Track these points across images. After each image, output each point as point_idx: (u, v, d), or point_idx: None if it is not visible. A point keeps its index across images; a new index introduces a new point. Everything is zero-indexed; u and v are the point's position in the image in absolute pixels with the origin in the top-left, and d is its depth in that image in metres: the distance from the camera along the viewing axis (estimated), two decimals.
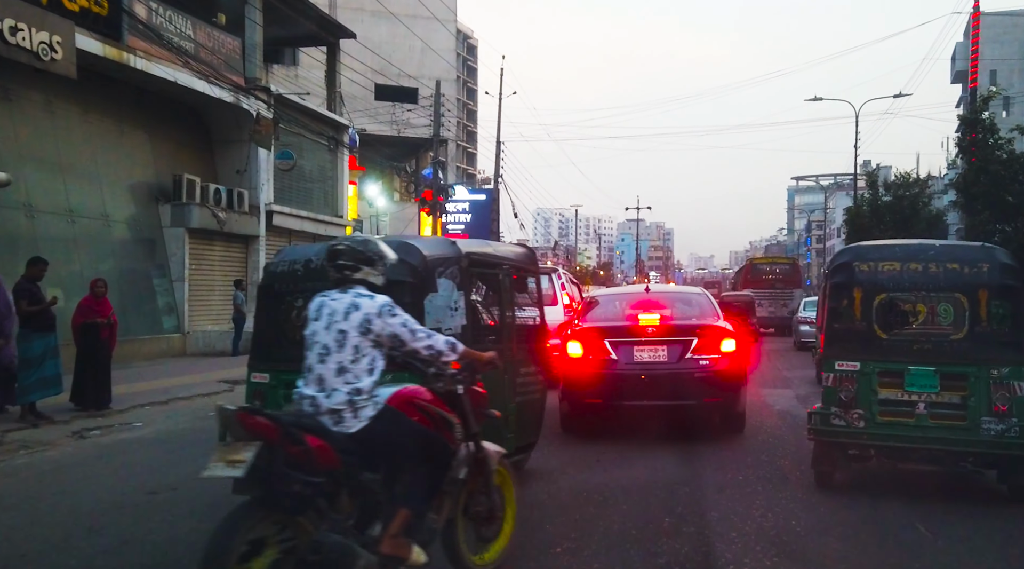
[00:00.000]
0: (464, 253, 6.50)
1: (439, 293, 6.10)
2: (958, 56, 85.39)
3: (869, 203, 31.98)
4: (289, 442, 3.96)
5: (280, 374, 6.04)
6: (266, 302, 6.51)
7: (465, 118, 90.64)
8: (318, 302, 4.50)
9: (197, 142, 23.33)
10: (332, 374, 4.29)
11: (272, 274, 6.47)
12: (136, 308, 20.06)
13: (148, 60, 19.13)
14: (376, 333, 4.34)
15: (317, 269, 6.01)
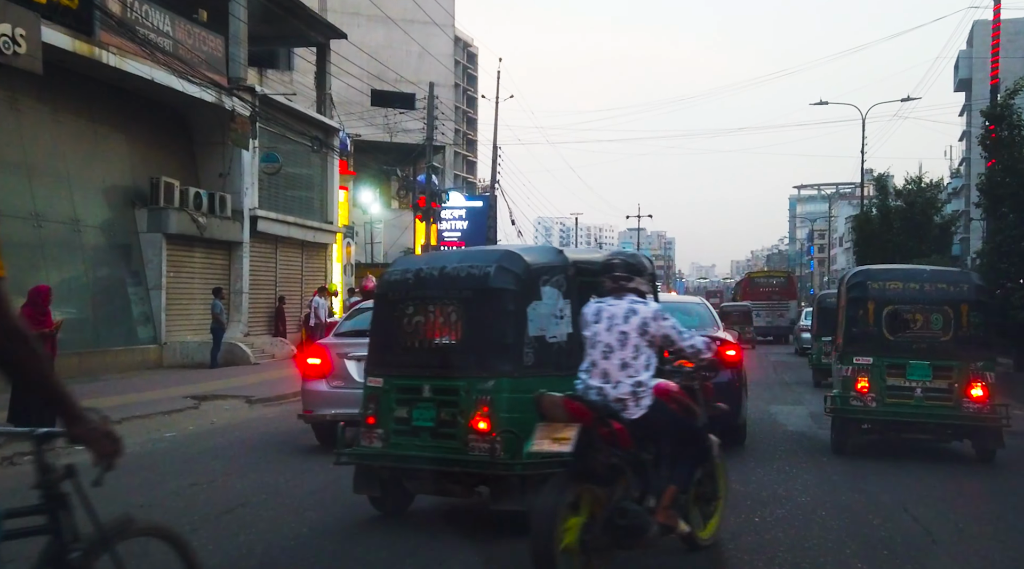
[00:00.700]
0: (571, 261, 6.53)
1: (543, 301, 6.20)
2: (961, 64, 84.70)
3: (878, 208, 30.91)
4: (600, 424, 4.90)
5: (392, 379, 6.33)
6: (380, 310, 6.77)
7: (465, 126, 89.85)
8: (595, 307, 5.36)
9: (178, 144, 22.35)
10: (616, 368, 5.15)
11: (386, 283, 6.72)
12: (109, 318, 19.05)
13: (122, 56, 18.16)
14: (651, 334, 5.19)
15: (427, 278, 6.36)
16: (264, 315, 24.51)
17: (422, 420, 6.13)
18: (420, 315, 6.32)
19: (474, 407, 5.93)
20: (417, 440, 6.14)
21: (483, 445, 5.84)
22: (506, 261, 6.19)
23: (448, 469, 6.03)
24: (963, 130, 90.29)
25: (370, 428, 6.35)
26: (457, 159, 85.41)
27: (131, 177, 20.26)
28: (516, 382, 5.92)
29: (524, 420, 5.62)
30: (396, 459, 6.21)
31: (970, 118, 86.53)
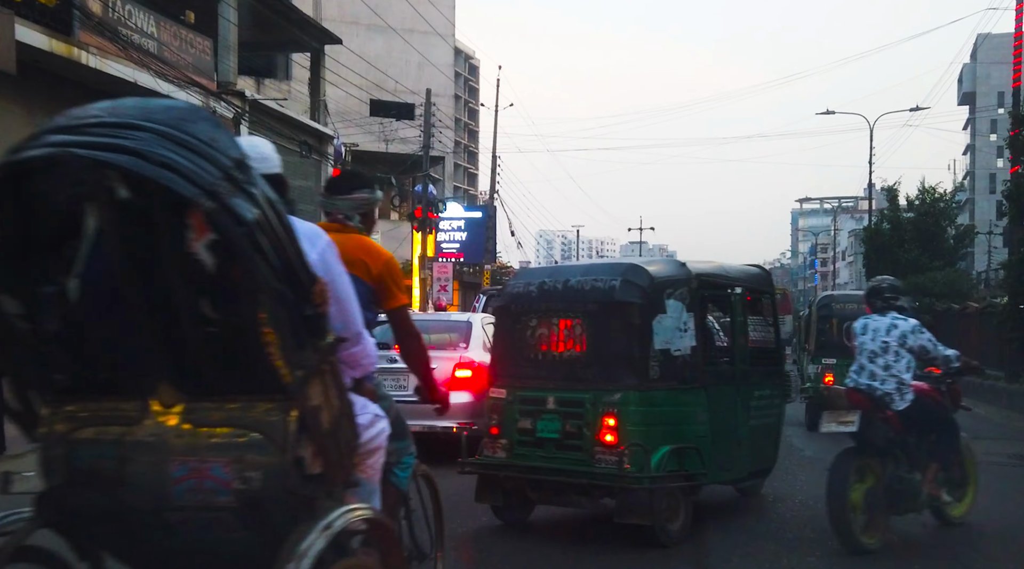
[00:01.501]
0: (694, 274, 6.62)
1: (668, 314, 6.26)
2: (965, 77, 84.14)
3: (889, 220, 30.07)
4: (876, 411, 6.11)
5: (516, 390, 6.49)
6: (503, 322, 6.91)
7: (467, 138, 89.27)
8: (862, 323, 6.53)
9: None
10: (881, 370, 6.26)
11: (509, 295, 6.89)
12: None
13: (103, 58, 17.39)
14: (910, 345, 6.27)
15: (550, 291, 6.54)
16: None
17: (547, 431, 6.28)
18: (544, 328, 6.49)
19: (600, 419, 6.07)
20: (542, 451, 6.31)
21: (610, 458, 5.95)
22: (631, 274, 6.34)
23: (575, 481, 6.14)
24: (967, 144, 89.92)
25: (493, 438, 6.52)
26: (458, 171, 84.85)
27: None
28: (642, 395, 6.11)
29: (651, 433, 5.98)
30: (520, 470, 6.34)
31: (974, 131, 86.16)
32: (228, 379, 2.59)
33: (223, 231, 2.38)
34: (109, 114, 2.57)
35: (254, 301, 2.48)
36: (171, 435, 2.60)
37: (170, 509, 2.62)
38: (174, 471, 2.58)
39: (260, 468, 2.55)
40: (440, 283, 27.15)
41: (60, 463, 2.68)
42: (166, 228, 2.40)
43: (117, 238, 2.44)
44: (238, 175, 2.47)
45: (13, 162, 2.45)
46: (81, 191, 2.43)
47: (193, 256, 2.40)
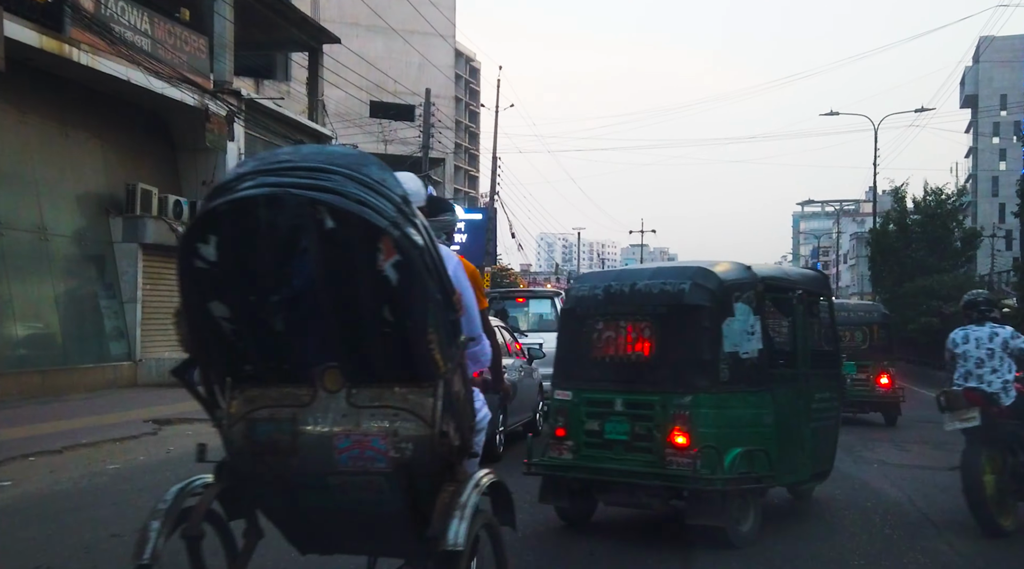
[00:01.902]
0: (760, 277, 6.67)
1: (736, 317, 6.29)
2: (967, 80, 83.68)
3: (896, 221, 29.62)
4: (992, 407, 6.90)
5: (582, 392, 6.58)
6: (568, 324, 6.96)
7: (467, 141, 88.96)
8: (962, 334, 7.29)
9: (158, 150, 21.23)
10: (988, 373, 7.07)
11: (574, 298, 6.93)
12: (78, 333, 17.85)
13: (95, 55, 17.06)
14: (1011, 349, 7.12)
15: (617, 294, 6.60)
16: None
17: (615, 433, 6.34)
18: (611, 330, 6.53)
19: (670, 422, 6.12)
20: (610, 453, 6.36)
21: (682, 459, 5.99)
22: (700, 278, 6.36)
23: (646, 483, 6.16)
24: (969, 147, 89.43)
25: (559, 440, 6.57)
26: (459, 173, 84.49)
27: (105, 183, 19.11)
28: (713, 398, 6.15)
29: (722, 435, 6.00)
30: (588, 471, 6.39)
31: (976, 134, 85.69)
32: (389, 368, 3.19)
33: (405, 253, 3.01)
34: (299, 159, 3.18)
35: (425, 309, 3.13)
36: (337, 413, 3.19)
37: (333, 474, 3.20)
38: (339, 443, 3.17)
39: (412, 440, 3.14)
40: None
41: (242, 437, 3.26)
42: (361, 251, 3.02)
43: (322, 259, 3.03)
44: (405, 209, 3.12)
45: (238, 199, 3.02)
46: (298, 222, 3.00)
47: (381, 273, 3.02)
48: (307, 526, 3.55)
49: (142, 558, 3.07)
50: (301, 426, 3.22)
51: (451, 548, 3.04)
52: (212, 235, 3.07)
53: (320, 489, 3.29)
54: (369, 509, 3.33)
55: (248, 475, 3.35)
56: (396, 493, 3.24)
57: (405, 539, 3.41)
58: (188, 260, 3.14)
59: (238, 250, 3.09)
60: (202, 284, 3.16)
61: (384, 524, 3.39)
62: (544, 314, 15.80)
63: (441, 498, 3.19)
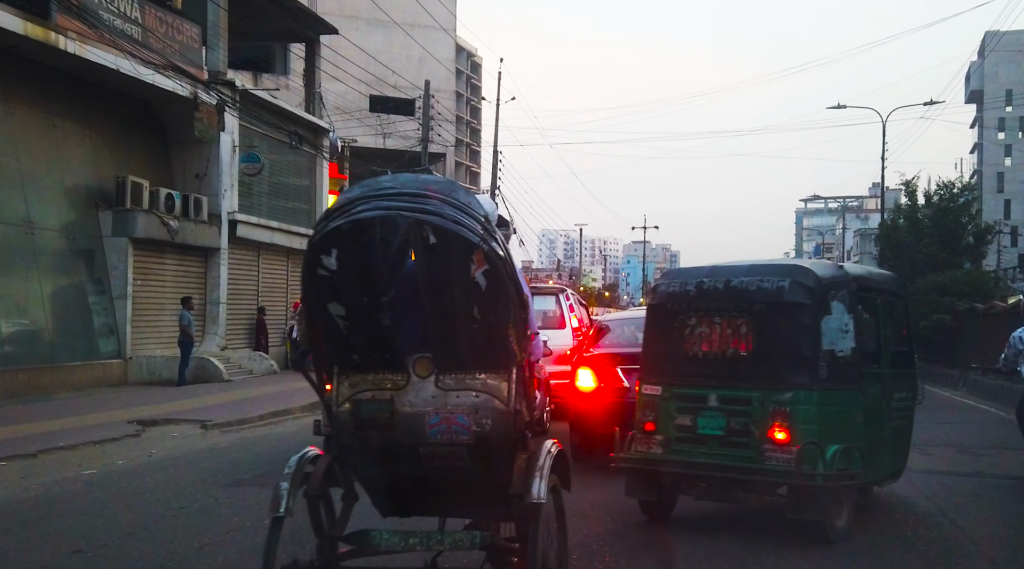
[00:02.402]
0: (852, 276, 6.71)
1: (832, 315, 6.33)
2: (973, 75, 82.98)
3: (907, 216, 28.94)
4: None
5: (672, 387, 6.63)
6: (658, 320, 6.96)
7: (469, 137, 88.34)
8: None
9: (150, 142, 20.66)
10: None
11: (664, 294, 6.94)
12: (66, 330, 17.31)
13: (82, 43, 16.50)
14: None
15: (710, 291, 6.61)
16: (244, 327, 22.76)
17: (709, 428, 6.37)
18: (704, 326, 6.55)
19: (769, 418, 6.15)
20: (704, 448, 6.38)
21: (782, 455, 6.02)
22: (799, 275, 6.41)
23: (746, 477, 6.21)
24: (975, 142, 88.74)
25: (648, 434, 6.61)
26: (460, 169, 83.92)
27: (95, 176, 18.55)
28: (813, 394, 6.20)
29: (823, 431, 6.07)
30: (681, 465, 6.44)
31: (982, 130, 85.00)
32: (472, 357, 3.94)
33: (492, 264, 3.76)
34: (400, 186, 3.90)
35: (507, 308, 3.87)
36: (427, 395, 3.94)
37: (424, 445, 3.95)
38: (430, 419, 3.92)
39: (491, 416, 3.91)
40: None
41: (348, 415, 4.00)
42: (458, 262, 3.74)
43: (425, 268, 3.76)
44: (488, 226, 3.83)
45: (358, 219, 3.75)
46: (407, 238, 3.73)
47: (473, 280, 3.75)
48: (396, 491, 4.30)
49: (279, 511, 3.81)
50: (398, 405, 3.97)
51: (535, 501, 3.81)
52: (334, 248, 3.81)
53: (412, 458, 4.04)
54: (451, 474, 4.09)
55: (352, 447, 4.08)
56: (476, 461, 4.00)
57: (477, 500, 4.24)
58: (312, 269, 3.87)
59: (355, 260, 3.82)
60: (323, 288, 3.89)
61: (461, 488, 4.18)
62: (548, 311, 15.86)
63: (518, 463, 3.93)
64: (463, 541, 4.19)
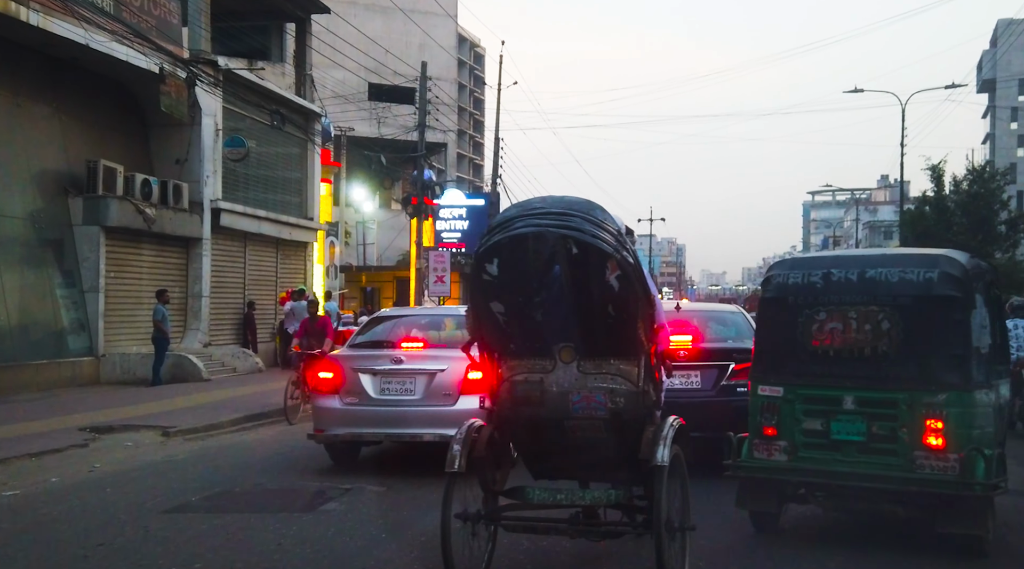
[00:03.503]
0: (989, 267, 6.63)
1: (978, 309, 6.03)
2: (984, 64, 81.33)
3: (934, 203, 27.48)
4: None
5: (796, 388, 6.19)
6: (775, 314, 6.56)
7: (472, 129, 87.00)
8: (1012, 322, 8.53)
9: (127, 125, 19.41)
10: None
11: (780, 286, 6.52)
12: (33, 325, 16.11)
13: (47, 16, 15.26)
14: None
15: (841, 282, 6.18)
16: (230, 322, 21.53)
17: (844, 434, 5.98)
18: (836, 321, 6.13)
19: (920, 422, 5.77)
20: (839, 454, 5.99)
21: (937, 463, 5.68)
22: (947, 265, 5.99)
23: (897, 488, 5.81)
24: (987, 133, 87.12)
25: (769, 440, 6.20)
26: (463, 162, 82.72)
27: (65, 160, 17.31)
28: (967, 396, 5.78)
29: (982, 437, 5.73)
30: (813, 474, 6.05)
31: (994, 120, 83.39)
32: (607, 346, 4.89)
33: (624, 269, 4.68)
34: (549, 206, 4.84)
35: (636, 306, 4.80)
36: (571, 377, 4.91)
37: (569, 419, 4.92)
38: (573, 397, 4.89)
39: (623, 396, 4.87)
40: (436, 273, 24.86)
41: (506, 393, 5.02)
42: (596, 269, 4.69)
43: (569, 274, 4.70)
44: (620, 238, 4.77)
45: (515, 235, 4.71)
46: (554, 250, 4.67)
47: (608, 283, 4.69)
48: (546, 457, 5.15)
49: (453, 468, 4.76)
50: (546, 385, 4.88)
51: (659, 464, 4.61)
52: (495, 258, 4.75)
53: (559, 430, 4.91)
54: (591, 444, 4.93)
55: (509, 419, 5.01)
56: (611, 432, 4.86)
57: (612, 465, 5.03)
58: (478, 274, 4.83)
59: (512, 268, 4.74)
60: (486, 290, 4.84)
61: (600, 455, 4.98)
62: None
63: (646, 435, 4.76)
64: (601, 498, 5.00)
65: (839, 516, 6.64)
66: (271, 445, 10.43)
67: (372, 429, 8.45)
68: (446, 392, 8.25)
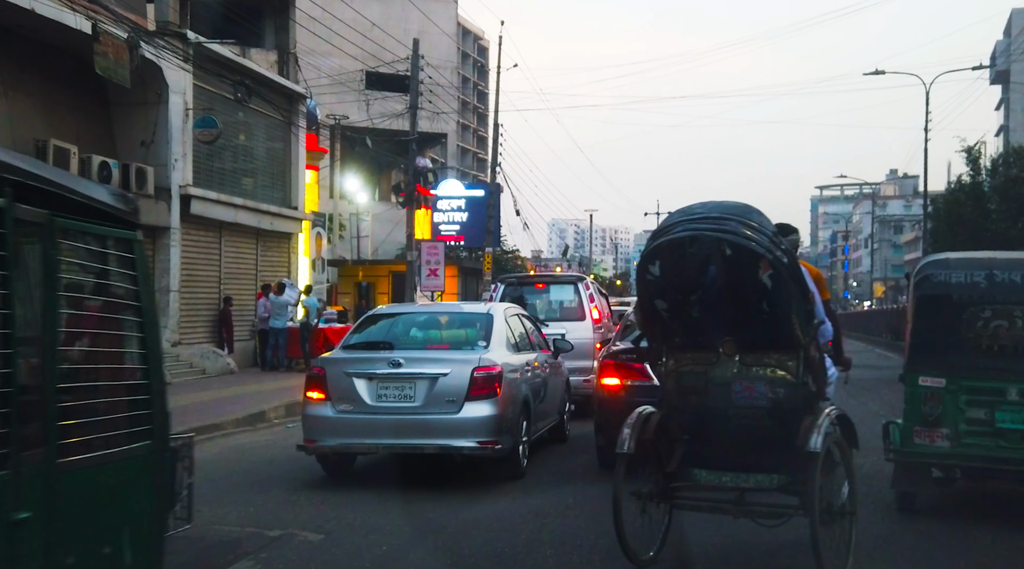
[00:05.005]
0: None
1: None
2: (999, 55, 79.33)
3: (969, 189, 25.61)
4: None
5: (959, 380, 6.64)
6: (936, 310, 6.93)
7: (475, 122, 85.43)
8: None
9: (87, 103, 17.72)
10: None
11: (941, 284, 6.87)
12: None
13: None
14: None
15: (1006, 283, 6.68)
16: (204, 320, 19.81)
17: (1008, 422, 6.51)
18: (1001, 319, 6.67)
19: None
20: (1003, 442, 6.51)
21: None
22: None
23: None
24: (1000, 125, 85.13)
25: (931, 428, 6.67)
26: (467, 156, 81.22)
27: (10, 139, 15.55)
28: None
29: None
30: (976, 460, 6.57)
31: (1008, 111, 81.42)
32: (766, 341, 5.25)
33: (776, 269, 4.99)
34: (707, 211, 5.21)
35: (789, 303, 5.09)
36: (733, 369, 5.32)
37: (731, 408, 5.31)
38: (736, 388, 5.30)
39: (783, 387, 5.23)
40: (430, 267, 23.16)
41: (673, 383, 5.47)
42: (749, 268, 5.00)
43: (724, 274, 5.06)
44: (775, 239, 5.10)
45: (674, 239, 5.12)
46: (710, 252, 5.04)
47: (761, 281, 4.99)
48: (709, 442, 5.49)
49: (624, 449, 5.20)
50: (710, 376, 5.36)
51: (812, 450, 4.93)
52: (657, 260, 5.22)
53: (723, 417, 5.36)
54: (753, 431, 5.33)
55: (676, 407, 5.49)
56: (772, 421, 5.27)
57: (773, 451, 5.31)
58: (643, 274, 5.33)
59: (672, 268, 5.20)
60: (650, 289, 5.34)
61: (760, 442, 5.35)
62: (566, 301, 13.98)
63: (804, 424, 5.08)
64: (764, 482, 5.40)
65: (975, 495, 7.28)
66: (213, 465, 8.76)
67: (368, 439, 7.88)
68: (450, 399, 7.73)
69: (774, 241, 5.03)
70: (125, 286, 3.49)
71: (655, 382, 8.44)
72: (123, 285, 3.48)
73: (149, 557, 3.39)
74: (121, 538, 3.26)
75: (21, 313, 2.87)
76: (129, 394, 3.43)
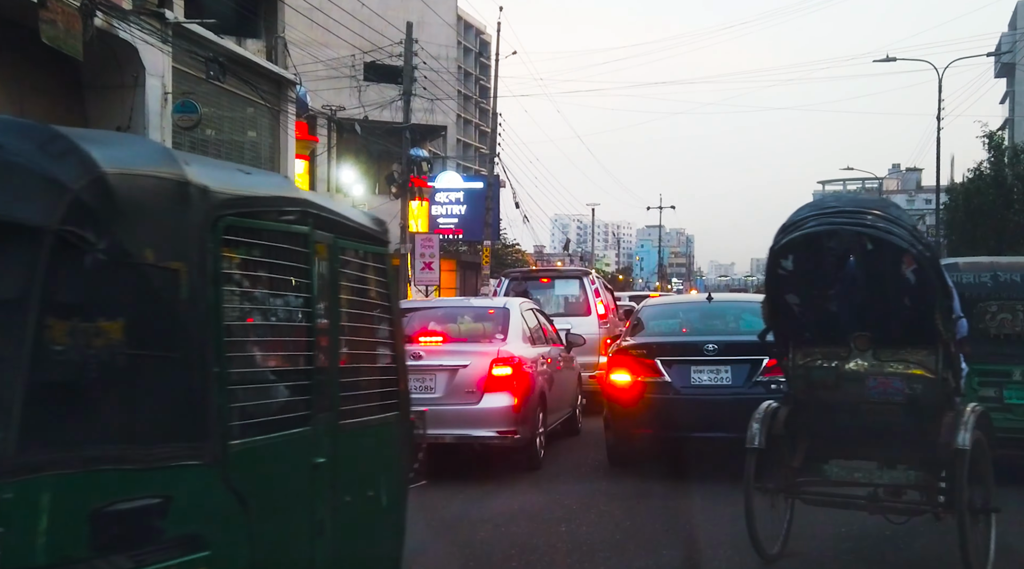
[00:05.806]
0: None
1: None
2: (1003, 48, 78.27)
3: (991, 178, 24.62)
4: None
5: (973, 364, 7.11)
6: None
7: (478, 117, 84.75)
8: None
9: (58, 86, 16.77)
10: None
11: (957, 284, 7.30)
12: None
13: None
14: None
15: (1008, 283, 8.03)
16: None
17: (1015, 398, 7.75)
18: (1005, 312, 7.86)
19: None
20: (1011, 415, 7.65)
21: None
22: None
23: None
24: (1005, 118, 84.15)
25: None
26: (468, 151, 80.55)
27: None
28: None
29: None
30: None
31: (1013, 105, 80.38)
32: (903, 336, 5.31)
33: (920, 263, 5.05)
34: (841, 205, 5.36)
35: (933, 298, 5.15)
36: (866, 364, 5.39)
37: (865, 403, 5.39)
38: (870, 382, 5.37)
39: (920, 382, 5.30)
40: (424, 260, 22.24)
41: (802, 378, 5.56)
42: (891, 263, 5.11)
43: (864, 268, 5.19)
44: (915, 233, 5.18)
45: (810, 233, 5.19)
46: (849, 246, 5.14)
47: (903, 276, 5.09)
48: (837, 438, 5.55)
49: (755, 444, 5.41)
50: (842, 371, 5.41)
51: (960, 447, 5.00)
52: (790, 254, 5.33)
53: (854, 412, 5.42)
54: (888, 426, 5.37)
55: (805, 402, 5.55)
56: (908, 417, 5.32)
57: (909, 447, 5.37)
58: (773, 269, 5.46)
59: (807, 263, 5.30)
60: (781, 283, 5.47)
61: (894, 438, 5.38)
62: (571, 296, 13.93)
63: (946, 420, 5.15)
64: (900, 478, 5.41)
65: None
66: None
67: None
68: (469, 390, 8.18)
69: (915, 235, 5.16)
70: (380, 290, 4.22)
71: (664, 378, 8.47)
72: (379, 289, 4.21)
73: (398, 502, 4.25)
74: (379, 485, 4.09)
75: (318, 313, 3.58)
76: (384, 375, 4.21)
